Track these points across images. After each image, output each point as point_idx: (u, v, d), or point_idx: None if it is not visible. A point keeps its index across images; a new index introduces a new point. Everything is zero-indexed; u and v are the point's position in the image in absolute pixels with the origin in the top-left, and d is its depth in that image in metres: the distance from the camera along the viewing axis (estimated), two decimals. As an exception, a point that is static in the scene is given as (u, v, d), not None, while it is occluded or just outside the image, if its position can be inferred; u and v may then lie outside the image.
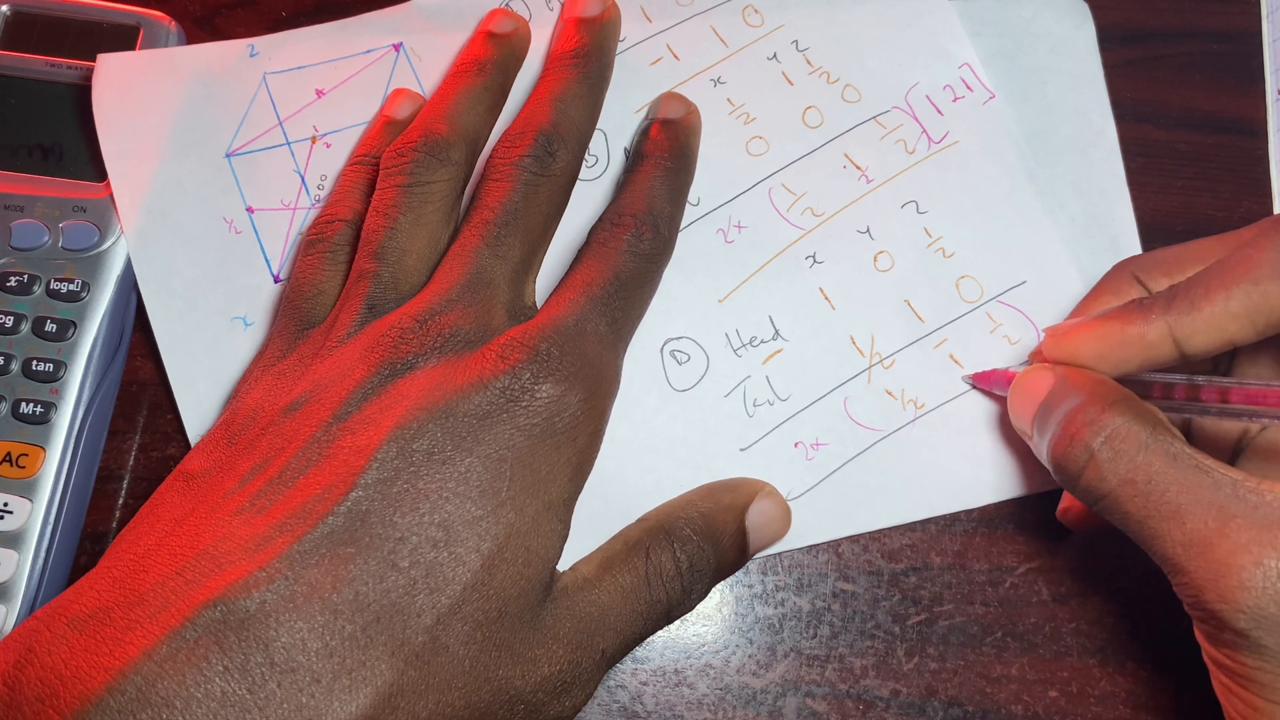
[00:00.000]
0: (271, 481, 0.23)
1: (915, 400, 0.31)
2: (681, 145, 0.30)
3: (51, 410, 0.30)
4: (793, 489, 0.30)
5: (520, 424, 0.24)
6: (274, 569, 0.21)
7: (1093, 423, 0.24)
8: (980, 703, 0.30)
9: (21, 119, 0.32)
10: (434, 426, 0.23)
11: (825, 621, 0.30)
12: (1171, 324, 0.24)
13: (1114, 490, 0.24)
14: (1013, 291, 0.32)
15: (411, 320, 0.26)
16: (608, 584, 0.25)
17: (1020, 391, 0.27)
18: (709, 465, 0.30)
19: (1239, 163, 0.34)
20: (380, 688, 0.21)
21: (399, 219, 0.27)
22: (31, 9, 0.32)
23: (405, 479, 0.23)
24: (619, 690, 0.30)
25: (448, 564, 0.22)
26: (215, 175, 0.32)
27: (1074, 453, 0.24)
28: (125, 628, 0.21)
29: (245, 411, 0.26)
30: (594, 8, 0.31)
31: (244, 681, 0.20)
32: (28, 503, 0.29)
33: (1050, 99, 0.33)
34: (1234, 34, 0.35)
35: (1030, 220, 0.32)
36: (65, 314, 0.30)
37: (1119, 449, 0.24)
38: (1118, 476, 0.24)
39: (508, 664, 0.23)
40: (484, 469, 0.23)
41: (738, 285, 0.31)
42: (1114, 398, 0.24)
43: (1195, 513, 0.22)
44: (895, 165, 0.32)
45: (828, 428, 0.30)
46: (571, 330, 0.25)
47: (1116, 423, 0.24)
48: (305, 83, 0.32)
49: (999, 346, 0.31)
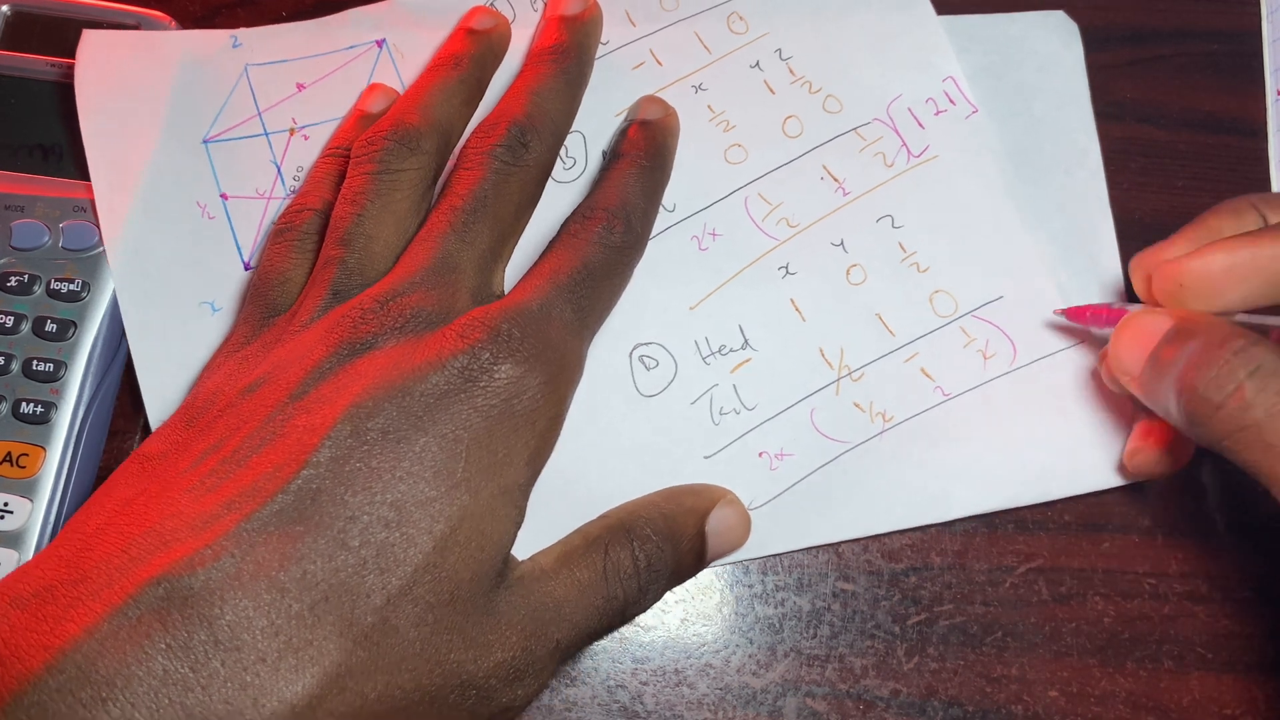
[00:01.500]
0: (224, 460, 0.23)
1: (884, 413, 0.31)
2: (659, 145, 0.30)
3: (52, 410, 0.30)
4: (755, 498, 0.30)
5: (478, 404, 0.24)
6: (220, 546, 0.21)
7: (1242, 352, 0.23)
8: (980, 703, 0.30)
9: (21, 119, 0.32)
10: (390, 405, 0.23)
11: (825, 621, 0.30)
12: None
13: (1259, 421, 0.23)
14: (988, 306, 0.31)
15: (373, 301, 0.26)
16: (565, 577, 0.25)
17: (1132, 331, 0.26)
18: (673, 471, 0.30)
19: (1239, 163, 0.34)
20: (327, 667, 0.21)
21: (367, 206, 0.28)
22: (31, 9, 0.32)
23: (358, 458, 0.23)
24: (619, 690, 0.30)
25: (399, 544, 0.22)
26: (192, 160, 0.32)
27: (1221, 381, 0.23)
28: (68, 605, 0.21)
29: (205, 395, 0.26)
30: (575, 6, 0.32)
31: (187, 659, 0.20)
32: (28, 503, 0.29)
33: (1035, 116, 0.33)
34: (1234, 34, 0.35)
35: (1008, 235, 0.32)
36: (65, 314, 0.30)
37: (1267, 382, 0.23)
38: (1265, 408, 0.23)
39: (459, 648, 0.23)
40: (439, 449, 0.23)
41: (709, 293, 0.31)
42: (1256, 337, 0.24)
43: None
44: (873, 178, 0.32)
45: (793, 438, 0.30)
46: (535, 313, 0.25)
47: (1266, 357, 0.23)
48: (286, 76, 0.32)
49: (973, 360, 0.31)
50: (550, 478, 0.28)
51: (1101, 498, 0.31)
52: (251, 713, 0.20)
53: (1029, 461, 0.30)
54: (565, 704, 0.30)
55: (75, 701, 0.19)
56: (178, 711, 0.20)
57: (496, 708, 0.24)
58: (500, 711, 0.24)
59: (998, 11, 0.34)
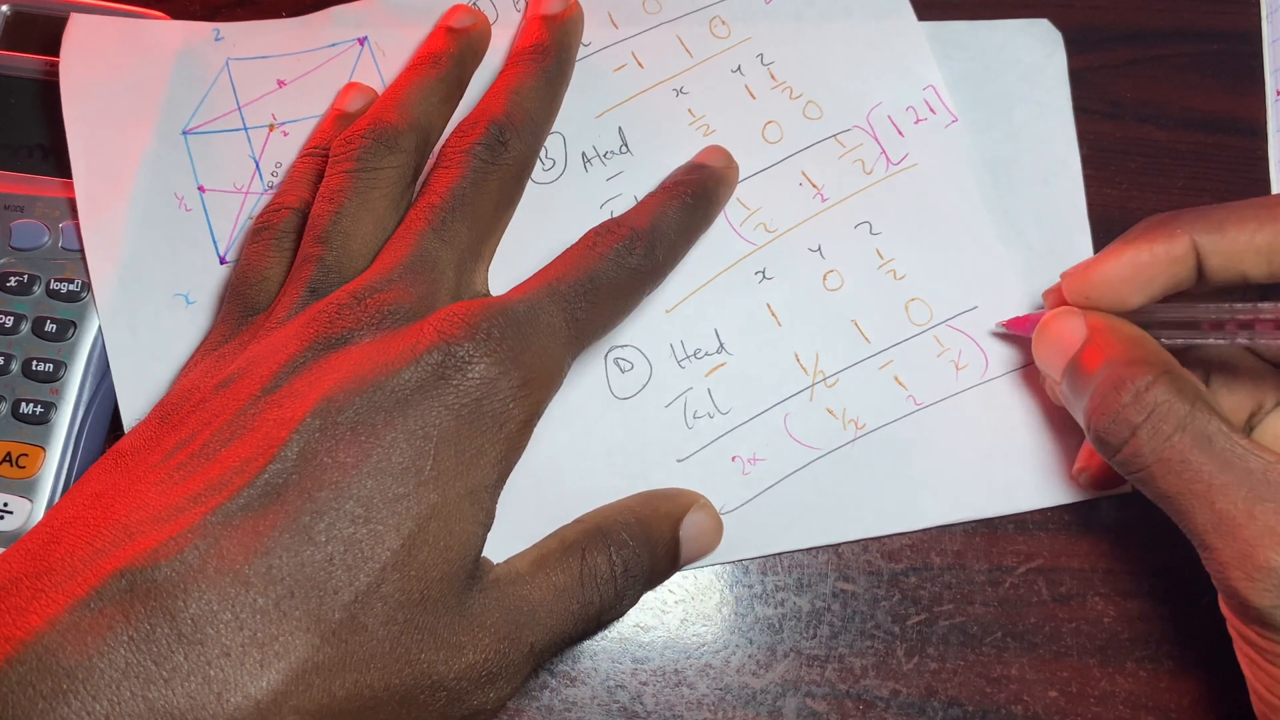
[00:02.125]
0: (194, 455, 0.23)
1: (856, 420, 0.31)
2: (709, 189, 0.30)
3: (51, 410, 0.30)
4: (727, 503, 0.30)
5: (449, 403, 0.23)
6: (184, 538, 0.21)
7: (1138, 400, 0.24)
8: (980, 703, 0.30)
9: (21, 119, 0.32)
10: (361, 400, 0.23)
11: (825, 621, 0.30)
12: (1197, 240, 0.25)
13: (1150, 467, 0.24)
14: (963, 316, 0.31)
15: (349, 296, 0.25)
16: (541, 580, 0.25)
17: (1047, 337, 0.28)
18: (646, 474, 0.30)
19: (1239, 163, 0.34)
20: (293, 663, 0.21)
21: (345, 204, 0.28)
22: (31, 9, 0.32)
23: (326, 452, 0.22)
24: (619, 690, 0.30)
25: (366, 541, 0.22)
26: (170, 150, 0.32)
27: (1116, 429, 0.25)
28: (31, 597, 0.21)
29: (180, 392, 0.26)
30: (556, 5, 0.32)
31: (149, 652, 0.20)
32: (28, 503, 0.29)
33: (1015, 126, 0.33)
34: (1234, 34, 0.35)
35: (984, 245, 0.32)
36: (65, 314, 0.30)
37: (1158, 428, 0.24)
38: (1155, 455, 0.24)
39: (430, 648, 0.23)
40: (408, 445, 0.23)
41: (686, 296, 0.31)
42: (1158, 368, 0.25)
43: (1225, 494, 0.23)
44: (851, 185, 0.32)
45: (766, 443, 0.30)
46: (520, 315, 0.25)
47: (1159, 400, 0.24)
48: (268, 72, 0.32)
49: (946, 370, 0.31)
50: (522, 478, 0.28)
51: (1101, 497, 0.31)
52: (215, 707, 0.20)
53: (998, 473, 0.31)
54: (565, 704, 0.30)
55: (36, 694, 0.19)
56: (140, 704, 0.20)
57: (468, 710, 0.24)
58: (471, 714, 0.24)
59: (986, 18, 0.34)
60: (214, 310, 0.31)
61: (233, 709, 0.20)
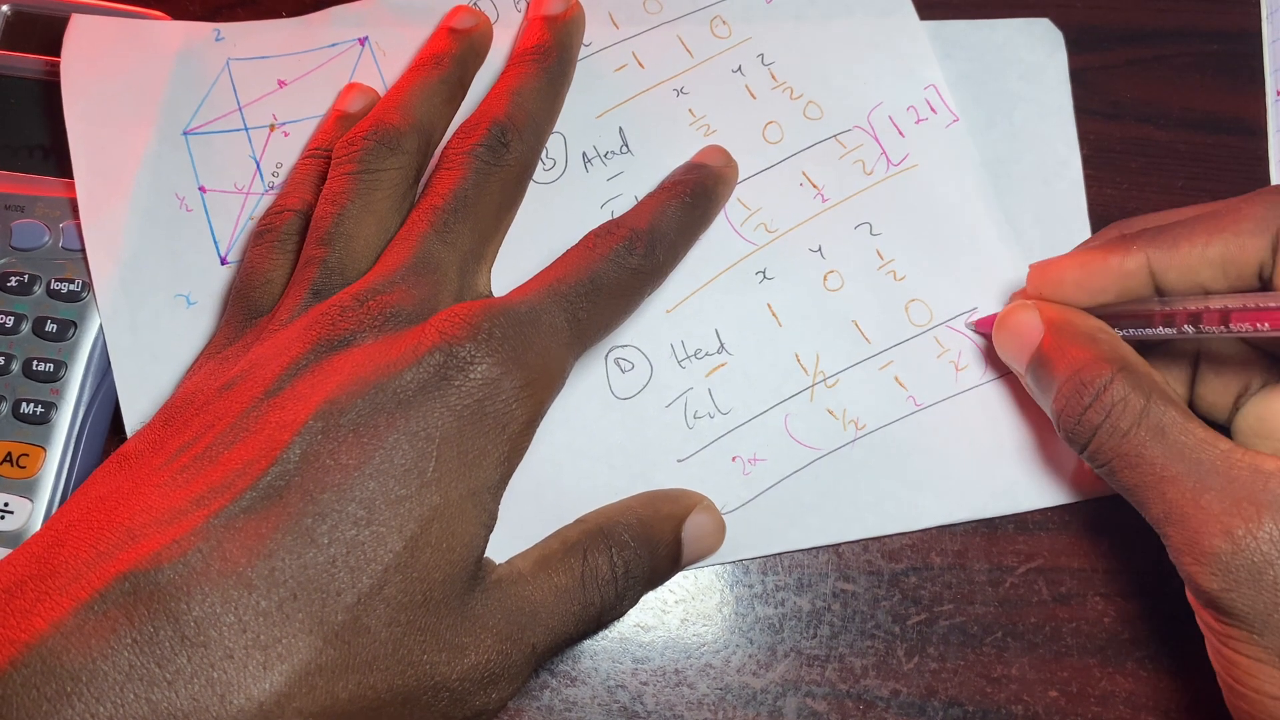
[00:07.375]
0: (197, 457, 0.23)
1: (856, 421, 0.31)
2: (708, 188, 0.30)
3: (52, 410, 0.30)
4: (728, 503, 0.30)
5: (451, 403, 0.23)
6: (187, 541, 0.21)
7: (1099, 401, 0.25)
8: (980, 703, 0.30)
9: (21, 119, 0.32)
10: (363, 402, 0.23)
11: (825, 621, 0.30)
12: (1150, 257, 0.26)
13: (1110, 462, 0.26)
14: (963, 317, 0.31)
15: (351, 299, 0.25)
16: (542, 581, 0.25)
17: (1006, 332, 0.29)
18: (646, 475, 0.30)
19: (1239, 163, 0.34)
20: (296, 665, 0.21)
21: (348, 205, 0.28)
22: (31, 9, 0.32)
23: (329, 454, 0.22)
24: (619, 690, 0.30)
25: (369, 542, 0.22)
26: (171, 150, 0.32)
27: (1081, 430, 0.26)
28: (35, 600, 0.21)
29: (184, 395, 0.26)
30: (557, 6, 0.32)
31: (153, 655, 0.20)
32: (28, 503, 0.29)
33: (1016, 126, 0.33)
34: (1234, 34, 0.35)
35: (984, 246, 0.32)
36: (65, 314, 0.30)
37: (1116, 425, 0.25)
38: (1114, 450, 0.25)
39: (433, 649, 0.23)
40: (410, 447, 0.23)
41: (686, 297, 0.31)
42: (1115, 364, 0.26)
43: (1175, 484, 0.24)
44: (852, 186, 0.32)
45: (766, 443, 0.31)
46: (522, 316, 0.25)
47: (1117, 398, 0.25)
48: (268, 72, 0.32)
49: (945, 371, 0.31)
50: (523, 478, 0.28)
51: (1102, 497, 0.31)
52: (218, 709, 0.20)
53: (998, 473, 0.31)
54: (565, 704, 0.30)
55: (40, 696, 0.19)
56: (143, 707, 0.20)
57: (470, 711, 0.24)
58: (473, 714, 0.24)
59: (986, 17, 0.34)
60: (215, 311, 0.31)
61: (236, 711, 0.20)
